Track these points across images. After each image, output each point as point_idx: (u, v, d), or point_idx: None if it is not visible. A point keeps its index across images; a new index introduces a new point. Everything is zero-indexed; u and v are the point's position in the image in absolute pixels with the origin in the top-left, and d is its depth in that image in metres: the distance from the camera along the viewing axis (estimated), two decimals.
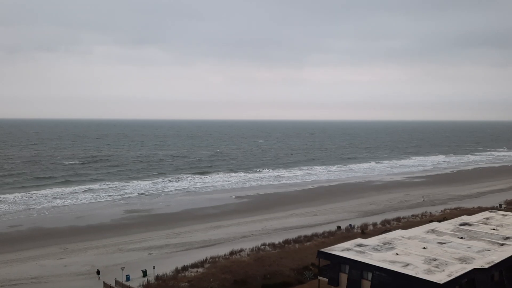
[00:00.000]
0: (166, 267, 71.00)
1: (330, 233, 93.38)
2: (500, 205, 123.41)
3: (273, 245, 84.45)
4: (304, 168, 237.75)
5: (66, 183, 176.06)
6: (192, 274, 68.43)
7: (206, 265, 72.50)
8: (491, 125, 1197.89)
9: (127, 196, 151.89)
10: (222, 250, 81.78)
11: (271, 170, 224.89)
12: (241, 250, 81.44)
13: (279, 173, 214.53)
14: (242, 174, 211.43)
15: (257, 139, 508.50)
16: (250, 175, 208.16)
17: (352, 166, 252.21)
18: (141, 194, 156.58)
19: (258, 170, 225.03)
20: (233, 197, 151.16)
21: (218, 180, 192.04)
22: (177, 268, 70.59)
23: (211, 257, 76.45)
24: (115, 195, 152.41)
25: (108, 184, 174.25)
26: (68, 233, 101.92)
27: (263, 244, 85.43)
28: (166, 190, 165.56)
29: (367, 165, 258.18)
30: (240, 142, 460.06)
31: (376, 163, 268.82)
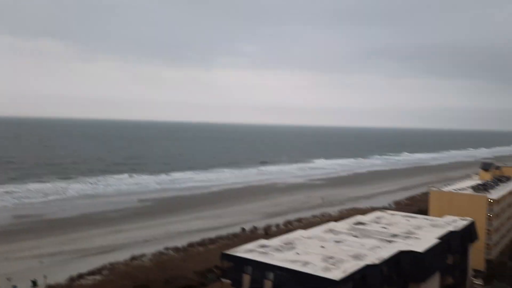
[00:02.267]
0: (59, 276, 66.13)
1: (235, 235, 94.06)
2: (389, 205, 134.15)
3: (176, 249, 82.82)
4: (213, 171, 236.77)
5: None
6: (89, 282, 64.48)
7: (104, 272, 68.82)
8: (388, 131, 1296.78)
9: (18, 199, 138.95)
10: (122, 256, 78.30)
11: (178, 173, 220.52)
12: (143, 255, 78.70)
13: (188, 176, 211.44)
14: (147, 177, 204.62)
15: (168, 141, 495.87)
16: (158, 178, 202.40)
17: (260, 168, 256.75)
18: (34, 197, 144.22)
19: (166, 173, 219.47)
20: (136, 200, 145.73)
21: (122, 183, 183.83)
22: (71, 276, 66.00)
23: (109, 264, 72.77)
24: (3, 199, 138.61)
25: None
26: None
27: (166, 248, 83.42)
28: (63, 193, 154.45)
29: (272, 168, 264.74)
30: (149, 143, 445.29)
31: (281, 166, 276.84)
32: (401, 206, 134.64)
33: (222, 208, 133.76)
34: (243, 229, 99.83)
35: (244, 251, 54.20)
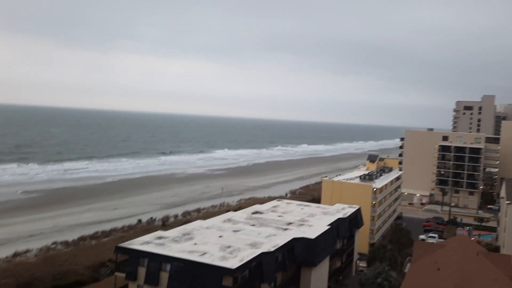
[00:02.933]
0: None
1: (131, 227, 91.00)
2: (286, 194, 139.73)
3: (66, 243, 77.78)
4: (110, 160, 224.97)
5: None
6: None
7: None
8: (289, 124, 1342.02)
9: None
10: (2, 253, 71.45)
11: (72, 162, 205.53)
12: (27, 251, 72.63)
13: (82, 166, 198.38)
14: (38, 166, 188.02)
15: (50, 128, 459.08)
16: (49, 167, 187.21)
17: (161, 158, 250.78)
18: None
19: (59, 162, 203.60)
20: (19, 192, 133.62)
21: (6, 173, 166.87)
22: None
23: None
24: None
25: None
26: None
27: (54, 243, 77.92)
28: None
29: (173, 158, 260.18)
30: (40, 130, 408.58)
31: (182, 156, 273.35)
32: (296, 195, 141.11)
33: (117, 199, 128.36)
34: (140, 221, 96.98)
35: (140, 243, 52.63)
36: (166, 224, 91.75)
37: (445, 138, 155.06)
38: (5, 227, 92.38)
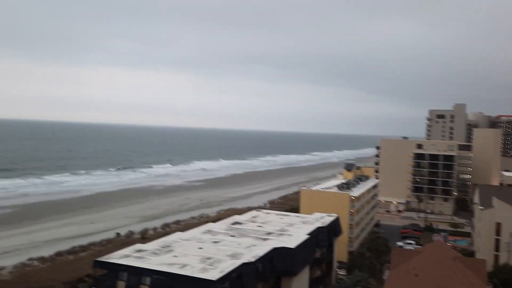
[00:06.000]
0: None
1: (109, 241, 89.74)
2: (265, 204, 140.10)
3: (42, 259, 76.15)
4: (86, 174, 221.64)
5: None
6: None
7: None
8: (266, 134, 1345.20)
9: None
10: None
11: (48, 176, 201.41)
12: (1, 268, 70.78)
13: (58, 179, 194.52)
14: (12, 181, 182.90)
15: (22, 141, 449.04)
16: (24, 181, 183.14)
17: (139, 170, 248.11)
18: None
19: (36, 176, 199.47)
20: None
21: None
22: None
23: None
24: None
25: None
26: None
27: (30, 259, 76.18)
28: None
29: (151, 170, 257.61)
30: (11, 144, 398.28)
31: (159, 168, 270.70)
32: (275, 205, 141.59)
33: (95, 213, 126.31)
34: (118, 234, 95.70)
35: (118, 257, 52.05)
36: (145, 237, 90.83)
37: (419, 146, 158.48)
38: None
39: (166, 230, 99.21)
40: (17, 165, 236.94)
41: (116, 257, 51.84)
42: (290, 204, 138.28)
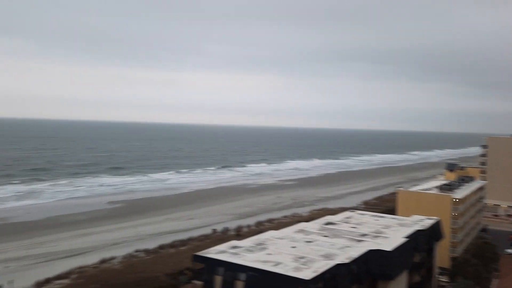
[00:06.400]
0: (26, 280, 64.31)
1: (206, 236, 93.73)
2: (359, 205, 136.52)
3: (147, 251, 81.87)
4: (182, 171, 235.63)
5: None
6: (56, 286, 62.97)
7: (73, 276, 67.32)
8: (358, 133, 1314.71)
9: None
10: (91, 259, 76.82)
11: (149, 174, 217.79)
12: (112, 258, 77.43)
13: (154, 177, 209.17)
14: (126, 178, 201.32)
15: (133, 142, 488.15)
16: (132, 178, 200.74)
17: (232, 169, 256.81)
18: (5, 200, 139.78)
19: (144, 173, 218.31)
20: (106, 202, 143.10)
21: (89, 183, 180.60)
22: (38, 281, 64.26)
23: (78, 267, 71.24)
24: None
25: None
26: None
27: (137, 251, 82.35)
28: (38, 196, 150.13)
29: (244, 169, 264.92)
30: (111, 144, 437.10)
31: (253, 167, 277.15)
32: (369, 206, 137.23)
33: (193, 210, 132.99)
34: (214, 230, 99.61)
35: (215, 252, 54.13)
36: (239, 234, 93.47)
37: None
38: (93, 235, 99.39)
39: (259, 228, 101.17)
40: (127, 164, 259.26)
41: (213, 253, 54.03)
42: (386, 205, 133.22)
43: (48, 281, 64.84)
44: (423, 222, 73.57)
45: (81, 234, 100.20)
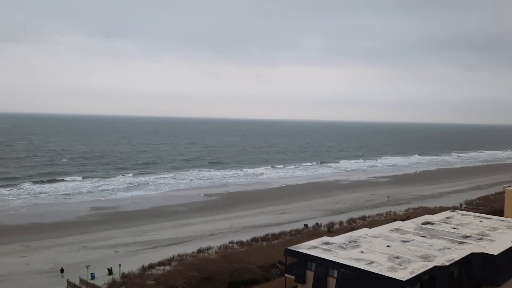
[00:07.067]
0: (132, 265, 70.03)
1: (297, 231, 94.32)
2: (461, 204, 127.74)
3: (240, 243, 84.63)
4: (277, 166, 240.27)
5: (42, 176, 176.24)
6: (159, 272, 67.79)
7: (173, 263, 71.95)
8: (462, 128, 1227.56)
9: (93, 192, 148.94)
10: (189, 248, 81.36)
11: (244, 169, 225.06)
12: (209, 248, 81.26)
13: (249, 171, 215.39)
14: (222, 172, 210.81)
15: (228, 138, 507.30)
16: (229, 172, 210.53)
17: (325, 164, 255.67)
18: (106, 190, 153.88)
19: (239, 168, 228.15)
20: (202, 194, 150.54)
21: (190, 177, 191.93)
22: (143, 266, 69.73)
23: (178, 255, 75.89)
24: (80, 192, 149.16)
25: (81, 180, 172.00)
26: (31, 230, 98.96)
27: (231, 242, 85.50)
28: (138, 187, 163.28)
29: (335, 164, 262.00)
30: (208, 139, 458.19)
31: (343, 163, 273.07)
32: (472, 206, 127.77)
33: (285, 204, 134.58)
34: (306, 226, 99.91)
35: (307, 247, 54.58)
36: (331, 230, 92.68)
37: None
38: (192, 226, 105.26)
39: (352, 225, 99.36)
40: (225, 159, 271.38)
41: (305, 248, 54.52)
42: (491, 205, 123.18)
43: (151, 266, 70.03)
44: None
45: (181, 224, 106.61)
